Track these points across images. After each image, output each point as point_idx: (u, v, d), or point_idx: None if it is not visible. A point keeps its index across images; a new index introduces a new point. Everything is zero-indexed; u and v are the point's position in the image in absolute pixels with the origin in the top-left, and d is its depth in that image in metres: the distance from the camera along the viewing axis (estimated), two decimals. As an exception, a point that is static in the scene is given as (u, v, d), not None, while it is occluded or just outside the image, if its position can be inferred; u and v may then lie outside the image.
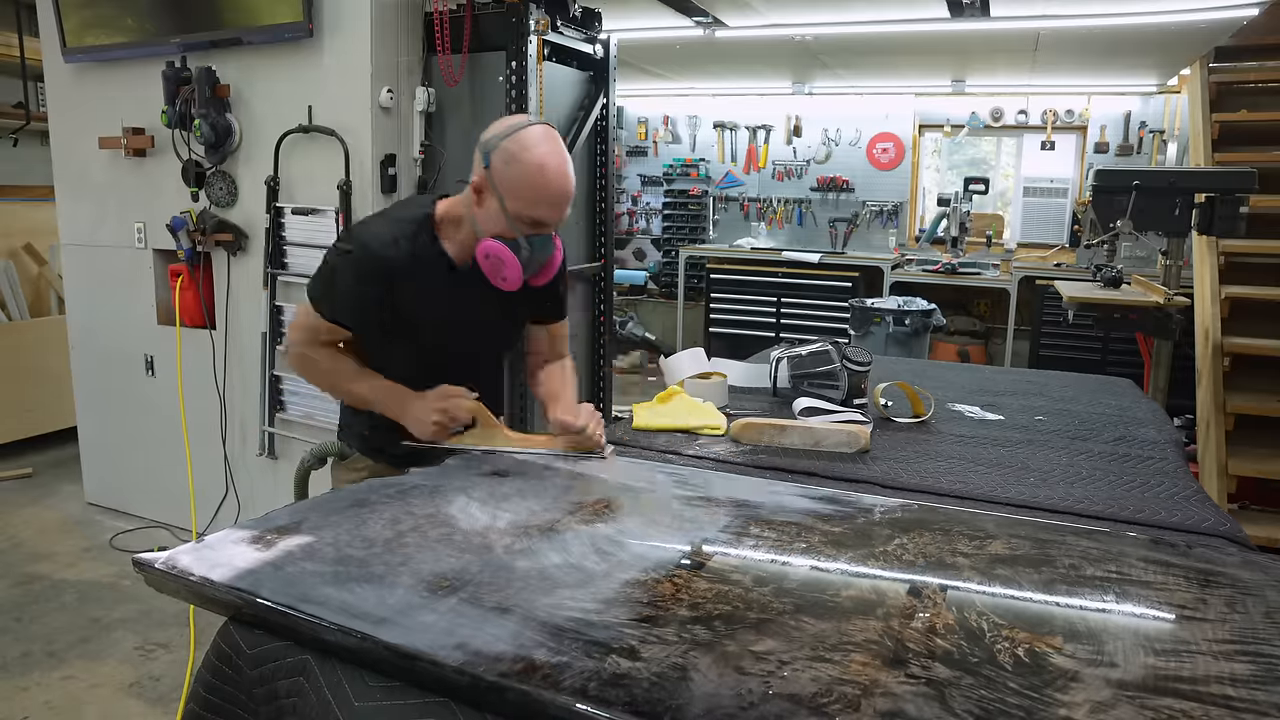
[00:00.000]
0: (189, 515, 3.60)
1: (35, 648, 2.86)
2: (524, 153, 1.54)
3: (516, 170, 1.55)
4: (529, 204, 1.56)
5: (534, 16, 3.17)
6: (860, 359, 2.19)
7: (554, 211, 1.59)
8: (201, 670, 1.09)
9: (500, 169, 1.56)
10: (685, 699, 0.83)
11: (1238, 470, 3.78)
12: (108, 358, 3.95)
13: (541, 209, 1.57)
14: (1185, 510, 1.55)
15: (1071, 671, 0.90)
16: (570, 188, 1.59)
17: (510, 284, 1.63)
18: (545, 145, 1.55)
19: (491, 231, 1.61)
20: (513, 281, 1.62)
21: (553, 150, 1.56)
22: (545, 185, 1.55)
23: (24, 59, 4.75)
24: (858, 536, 1.29)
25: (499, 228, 1.60)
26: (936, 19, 4.25)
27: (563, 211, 1.61)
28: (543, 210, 1.58)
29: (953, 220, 5.97)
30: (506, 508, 1.38)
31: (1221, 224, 3.50)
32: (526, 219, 1.58)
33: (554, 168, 1.55)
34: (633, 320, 7.53)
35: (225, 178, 3.46)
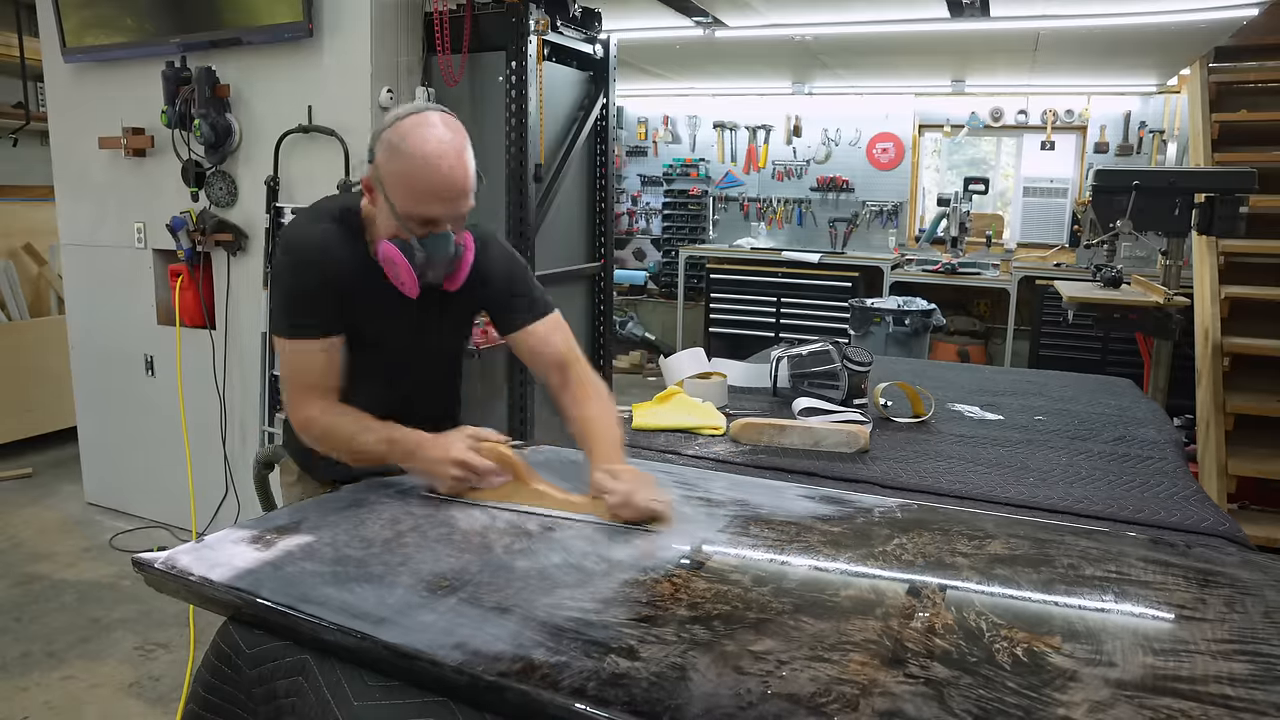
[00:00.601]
0: (189, 515, 3.60)
1: (35, 648, 2.86)
2: (402, 143, 1.38)
3: (397, 164, 1.39)
4: (414, 200, 1.40)
5: (534, 16, 3.17)
6: (860, 359, 2.19)
7: (443, 206, 1.41)
8: (201, 670, 1.09)
9: (383, 164, 1.41)
10: (684, 699, 0.83)
11: (1237, 470, 3.78)
12: (107, 358, 3.95)
13: (427, 204, 1.40)
14: (1185, 510, 1.55)
15: (1070, 671, 0.90)
16: (460, 178, 1.40)
17: (408, 290, 1.46)
18: (426, 131, 1.38)
19: (388, 233, 1.45)
20: (409, 288, 1.46)
21: (436, 137, 1.38)
22: (427, 178, 1.38)
23: (24, 59, 4.74)
24: (857, 536, 1.29)
25: (392, 228, 1.44)
26: (936, 19, 4.25)
27: (454, 206, 1.43)
28: (429, 206, 1.40)
29: (952, 220, 5.96)
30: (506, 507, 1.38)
31: (1221, 224, 3.50)
32: (415, 217, 1.41)
33: (436, 156, 1.37)
34: (633, 320, 7.53)
35: (225, 178, 3.46)
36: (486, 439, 1.42)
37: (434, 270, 1.47)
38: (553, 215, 3.49)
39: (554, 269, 3.57)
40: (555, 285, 3.63)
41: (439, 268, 1.47)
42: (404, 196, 1.40)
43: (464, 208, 1.45)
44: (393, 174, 1.40)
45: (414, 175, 1.39)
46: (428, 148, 1.38)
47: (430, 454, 1.40)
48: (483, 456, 1.39)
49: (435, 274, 1.48)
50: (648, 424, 2.02)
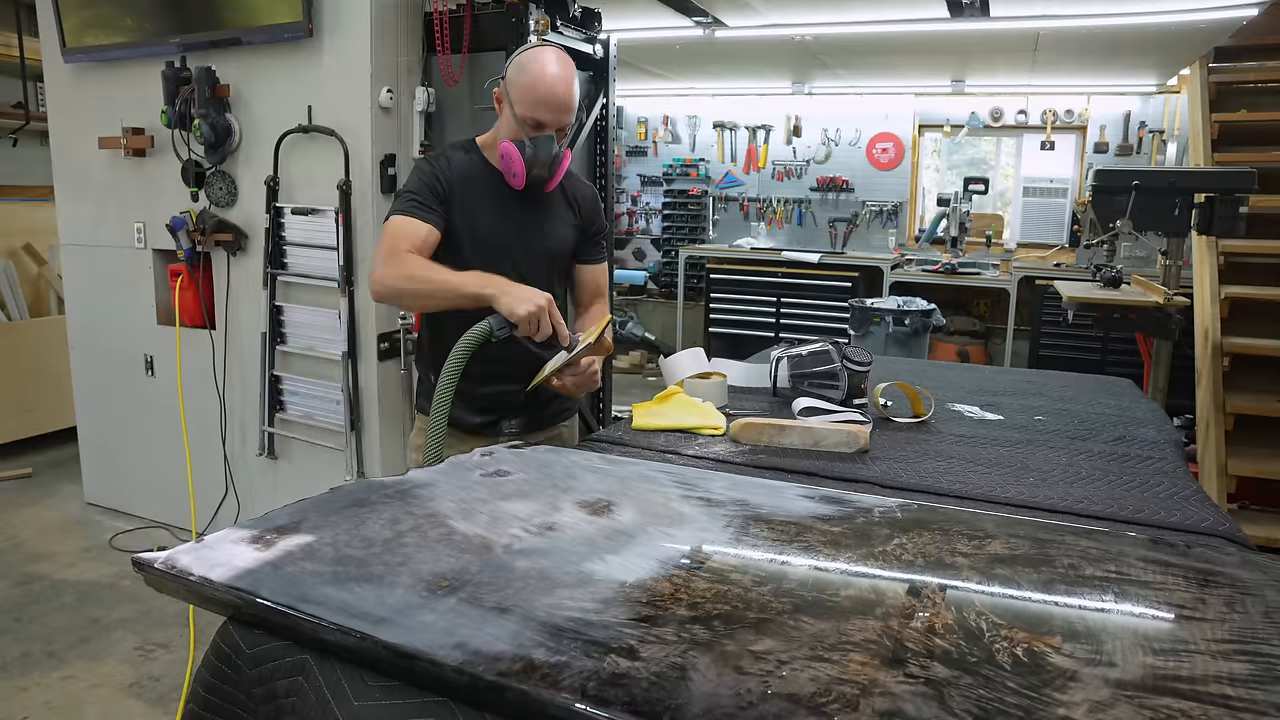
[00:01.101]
0: (189, 515, 3.60)
1: (35, 648, 2.86)
2: (530, 63, 1.83)
3: (524, 77, 1.83)
4: (530, 105, 1.82)
5: (533, 16, 3.17)
6: (860, 359, 2.19)
7: (552, 114, 1.83)
8: (201, 670, 1.09)
9: (512, 77, 1.85)
10: (684, 698, 0.83)
11: (1237, 470, 3.78)
12: (107, 358, 3.95)
13: (540, 110, 1.82)
14: (1184, 510, 1.55)
15: (1070, 671, 0.90)
16: (567, 95, 1.85)
17: (518, 179, 1.85)
18: (548, 57, 1.83)
19: (507, 135, 1.86)
20: (519, 176, 1.84)
21: (555, 63, 1.83)
22: (544, 89, 1.82)
23: (23, 59, 4.75)
24: (857, 536, 1.29)
25: (511, 131, 1.85)
26: (936, 19, 4.25)
27: (560, 115, 1.85)
28: (541, 111, 1.82)
29: (952, 220, 5.97)
30: (506, 507, 1.38)
31: (1221, 224, 3.51)
32: (529, 120, 1.83)
33: (553, 74, 1.83)
34: (632, 320, 7.53)
35: (225, 178, 3.46)
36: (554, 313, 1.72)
37: (538, 166, 1.86)
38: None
39: (554, 269, 3.57)
40: (555, 285, 3.64)
41: (542, 165, 1.86)
42: (523, 102, 1.83)
43: (565, 119, 1.88)
44: (517, 84, 1.84)
45: (533, 86, 1.83)
46: (546, 68, 1.83)
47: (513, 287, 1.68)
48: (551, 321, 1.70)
49: (539, 170, 1.87)
50: (648, 424, 2.02)
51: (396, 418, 3.40)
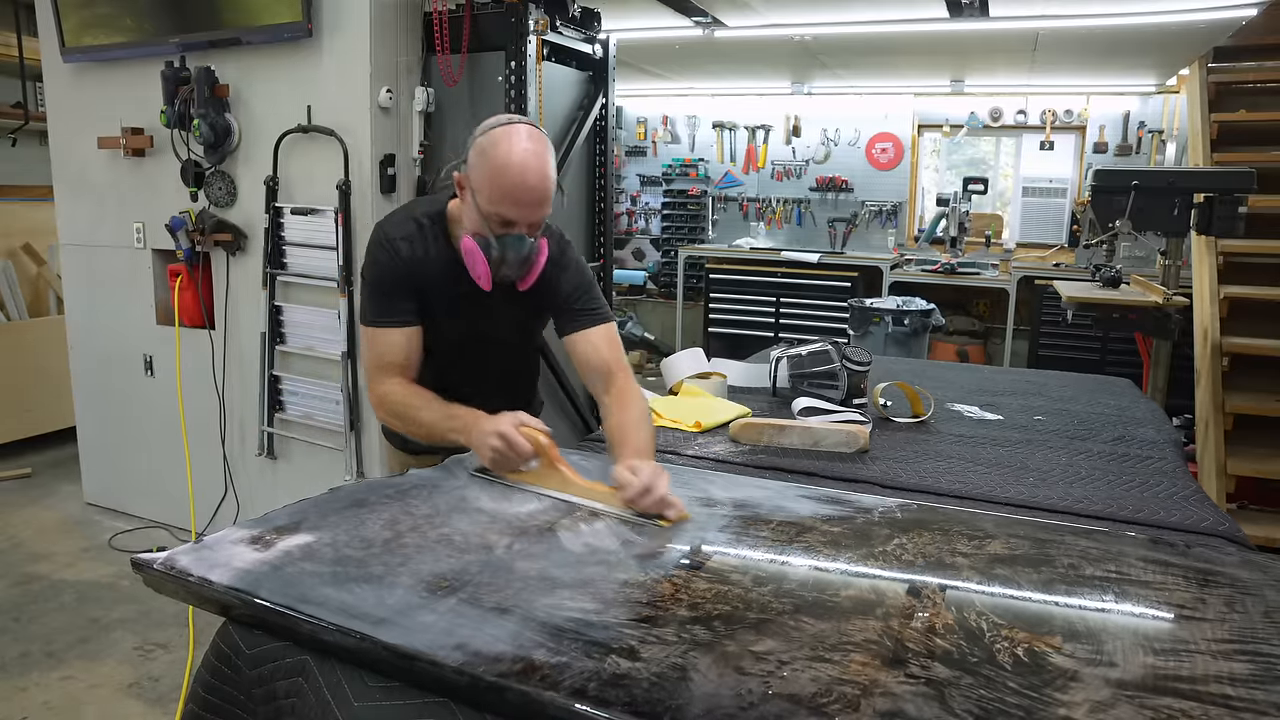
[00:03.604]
0: (188, 515, 3.60)
1: (34, 648, 2.86)
2: (494, 148, 1.53)
3: (486, 165, 1.54)
4: (494, 200, 1.55)
5: (533, 16, 3.17)
6: (859, 359, 2.19)
7: (520, 210, 1.56)
8: (200, 670, 1.09)
9: (474, 163, 1.56)
10: (685, 699, 0.83)
11: (1236, 470, 3.78)
12: (107, 358, 3.95)
13: (506, 206, 1.55)
14: (1184, 510, 1.55)
15: (1071, 671, 0.90)
16: (539, 187, 1.55)
17: (482, 283, 1.61)
18: (516, 142, 1.53)
19: (471, 229, 1.61)
20: (484, 280, 1.61)
21: (524, 148, 1.53)
22: (510, 182, 1.53)
23: (23, 59, 4.74)
24: (857, 536, 1.29)
25: (475, 225, 1.59)
26: (936, 19, 4.25)
27: (531, 211, 1.57)
28: (507, 207, 1.55)
29: (952, 220, 5.97)
30: (505, 507, 1.38)
31: (1220, 224, 3.51)
32: (495, 216, 1.56)
33: (520, 164, 1.52)
34: (632, 320, 7.53)
35: (224, 178, 3.45)
36: (528, 424, 1.51)
37: (508, 268, 1.61)
38: (552, 215, 3.48)
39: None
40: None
41: (513, 266, 1.61)
42: (487, 196, 1.55)
43: (538, 214, 1.59)
44: (480, 174, 1.55)
45: (497, 178, 1.53)
46: (513, 156, 1.52)
47: (481, 427, 1.51)
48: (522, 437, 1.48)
49: (509, 271, 1.62)
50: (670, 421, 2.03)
51: (396, 418, 3.39)
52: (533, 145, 1.54)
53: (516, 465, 1.50)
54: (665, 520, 1.34)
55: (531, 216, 1.58)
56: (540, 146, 1.56)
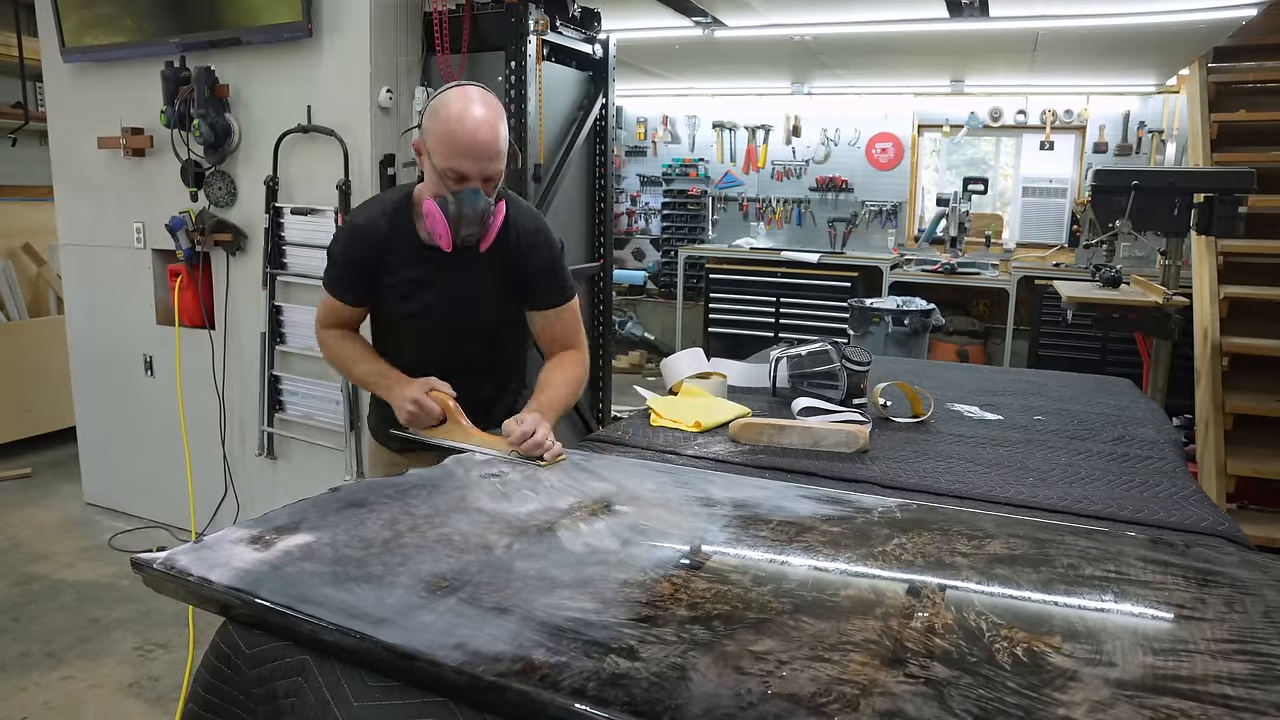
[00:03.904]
0: (188, 515, 3.60)
1: (34, 648, 2.86)
2: (445, 108, 1.62)
3: (438, 125, 1.63)
4: (449, 155, 1.62)
5: (533, 16, 3.17)
6: (859, 359, 2.19)
7: (471, 163, 1.62)
8: (200, 670, 1.09)
9: (427, 125, 1.65)
10: (684, 699, 0.83)
11: (1236, 470, 3.78)
12: (107, 358, 3.95)
13: (458, 159, 1.62)
14: (1184, 510, 1.55)
15: (1070, 671, 0.90)
16: (488, 140, 1.62)
17: (443, 242, 1.68)
18: (463, 100, 1.62)
19: (431, 192, 1.68)
20: (444, 239, 1.67)
21: (471, 104, 1.61)
22: (462, 136, 1.60)
23: (23, 59, 4.74)
24: (856, 536, 1.29)
25: (434, 187, 1.67)
26: (936, 19, 4.25)
27: (484, 165, 1.63)
28: (459, 161, 1.62)
29: (952, 220, 5.97)
30: (505, 507, 1.38)
31: (1220, 224, 3.51)
32: (449, 172, 1.63)
33: (468, 117, 1.60)
34: (632, 320, 7.54)
35: (224, 178, 3.45)
36: (437, 389, 1.73)
37: (466, 225, 1.67)
38: (552, 215, 3.49)
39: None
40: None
41: (470, 222, 1.66)
42: (441, 153, 1.63)
43: (491, 167, 1.65)
44: (433, 133, 1.64)
45: (449, 134, 1.62)
46: (464, 112, 1.61)
47: (400, 391, 1.74)
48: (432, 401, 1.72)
49: (467, 228, 1.67)
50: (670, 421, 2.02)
51: (396, 418, 3.40)
52: (481, 101, 1.63)
53: (428, 423, 1.72)
54: (542, 461, 1.58)
55: (485, 170, 1.64)
56: (489, 103, 1.64)
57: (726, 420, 2.01)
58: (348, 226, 1.84)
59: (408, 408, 1.71)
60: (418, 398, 1.71)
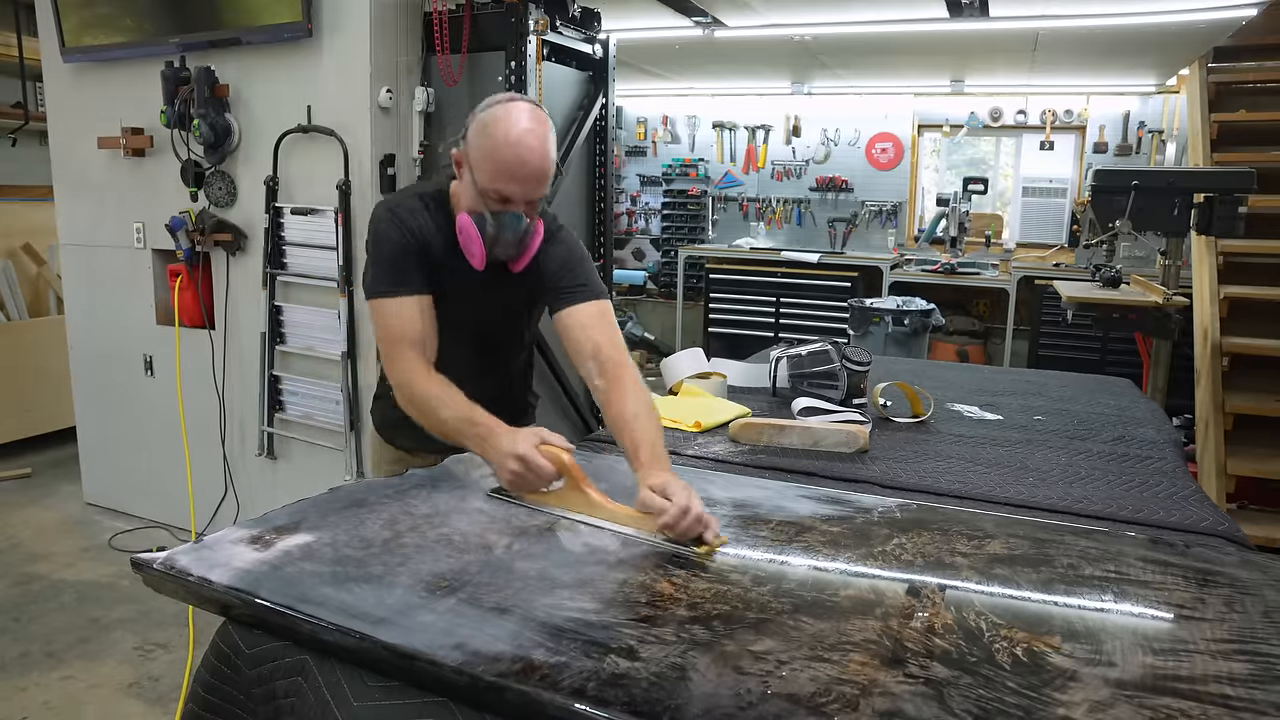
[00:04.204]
0: (188, 515, 3.60)
1: (34, 648, 2.86)
2: (494, 124, 1.52)
3: (486, 142, 1.52)
4: (491, 176, 1.53)
5: (533, 16, 3.17)
6: (859, 359, 2.19)
7: (517, 186, 1.53)
8: (200, 670, 1.09)
9: (473, 140, 1.55)
10: (684, 699, 0.83)
11: (1236, 470, 3.78)
12: (107, 358, 3.95)
13: (503, 182, 1.52)
14: (1184, 510, 1.55)
15: (1070, 671, 0.90)
16: (538, 164, 1.52)
17: (476, 261, 1.58)
18: (517, 119, 1.51)
19: (468, 206, 1.58)
20: (478, 259, 1.57)
21: (524, 126, 1.51)
22: (509, 158, 1.51)
23: (23, 59, 4.74)
24: (856, 536, 1.29)
25: (472, 202, 1.57)
26: (935, 19, 4.25)
27: (529, 189, 1.54)
28: (504, 183, 1.52)
29: (952, 220, 5.97)
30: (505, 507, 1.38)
31: (1220, 224, 3.51)
32: (492, 193, 1.54)
33: (519, 141, 1.50)
34: (632, 320, 7.53)
35: (224, 178, 3.45)
36: (550, 442, 1.41)
37: (502, 246, 1.58)
38: (555, 206, 3.49)
39: (553, 269, 3.57)
40: (554, 285, 3.63)
41: (507, 245, 1.58)
42: (486, 172, 1.53)
43: (537, 192, 1.56)
44: (479, 150, 1.54)
45: (496, 154, 1.51)
46: (512, 132, 1.50)
47: (498, 444, 1.42)
48: (544, 458, 1.38)
49: (504, 250, 1.59)
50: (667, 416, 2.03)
51: (396, 418, 3.40)
52: (533, 122, 1.52)
53: (537, 487, 1.41)
54: (704, 545, 1.23)
55: (530, 194, 1.55)
56: (541, 124, 1.53)
57: (726, 420, 2.01)
58: (390, 218, 1.63)
59: (511, 466, 1.39)
60: (525, 454, 1.38)
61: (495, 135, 1.51)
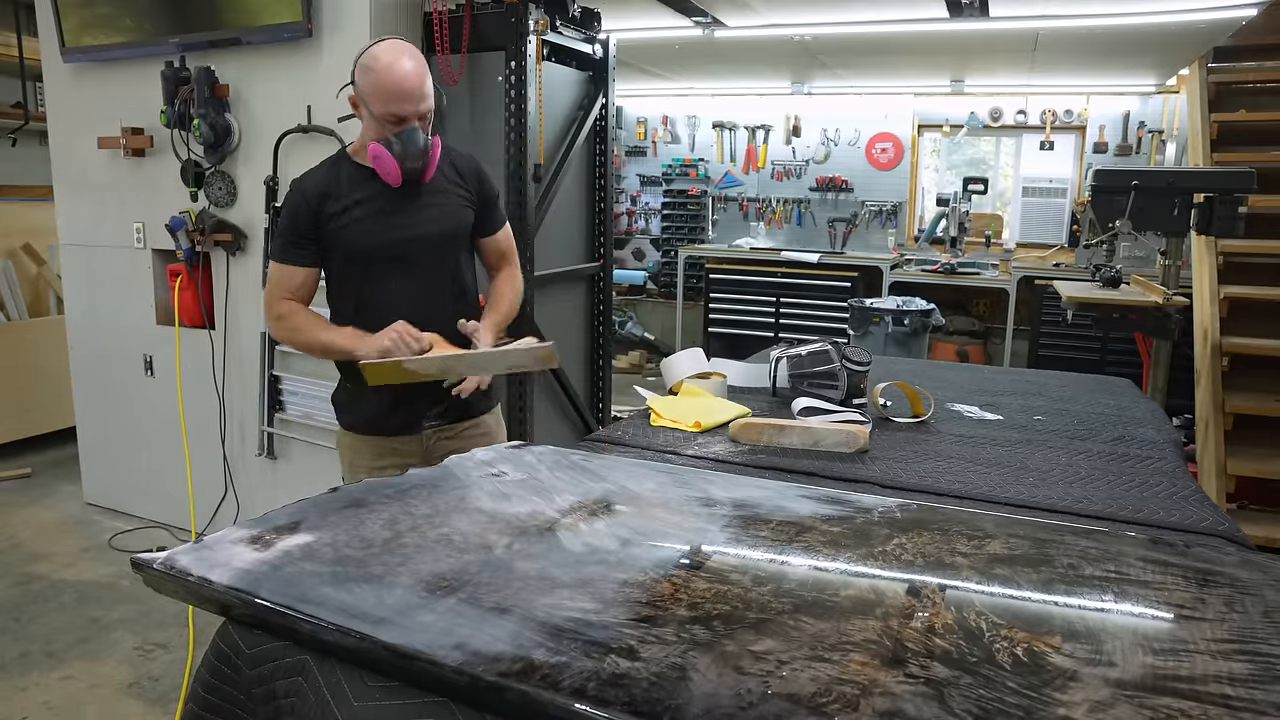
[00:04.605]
0: (188, 515, 3.60)
1: (34, 648, 2.86)
2: (374, 61, 1.83)
3: (370, 77, 1.84)
4: (384, 101, 1.83)
5: (533, 16, 3.17)
6: (859, 359, 2.19)
7: (407, 105, 1.83)
8: (200, 670, 1.09)
9: (360, 81, 1.86)
10: (684, 699, 0.83)
11: (1236, 470, 3.78)
12: (107, 358, 3.95)
13: (395, 104, 1.83)
14: (1184, 510, 1.55)
15: (1070, 671, 0.90)
16: (419, 83, 1.84)
17: (393, 178, 1.87)
18: (390, 50, 1.83)
19: (373, 138, 1.88)
20: (393, 175, 1.86)
21: (398, 54, 1.82)
22: (393, 83, 1.82)
23: (23, 59, 4.75)
24: (856, 536, 1.29)
25: (375, 133, 1.87)
26: (935, 19, 4.25)
27: (417, 104, 1.85)
28: (396, 105, 1.83)
29: (952, 220, 5.97)
30: (505, 507, 1.38)
31: (1220, 224, 3.51)
32: (389, 117, 1.84)
33: (399, 66, 1.82)
34: (632, 320, 7.54)
35: (224, 178, 3.45)
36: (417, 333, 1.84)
37: (411, 160, 1.87)
38: (552, 215, 3.49)
39: (553, 269, 3.57)
40: (554, 285, 3.63)
41: (415, 158, 1.87)
42: (378, 101, 1.84)
43: (425, 107, 1.87)
44: (367, 85, 1.85)
45: (382, 83, 1.83)
46: (392, 61, 1.82)
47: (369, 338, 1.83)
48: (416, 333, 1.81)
49: (412, 164, 1.87)
50: (667, 416, 2.02)
51: (396, 418, 3.40)
52: (407, 52, 1.84)
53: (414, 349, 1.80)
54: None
55: (419, 108, 1.85)
56: (411, 51, 1.85)
57: (726, 420, 2.01)
58: (294, 190, 1.95)
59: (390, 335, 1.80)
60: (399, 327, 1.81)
61: (377, 69, 1.82)
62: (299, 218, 1.91)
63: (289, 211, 1.93)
